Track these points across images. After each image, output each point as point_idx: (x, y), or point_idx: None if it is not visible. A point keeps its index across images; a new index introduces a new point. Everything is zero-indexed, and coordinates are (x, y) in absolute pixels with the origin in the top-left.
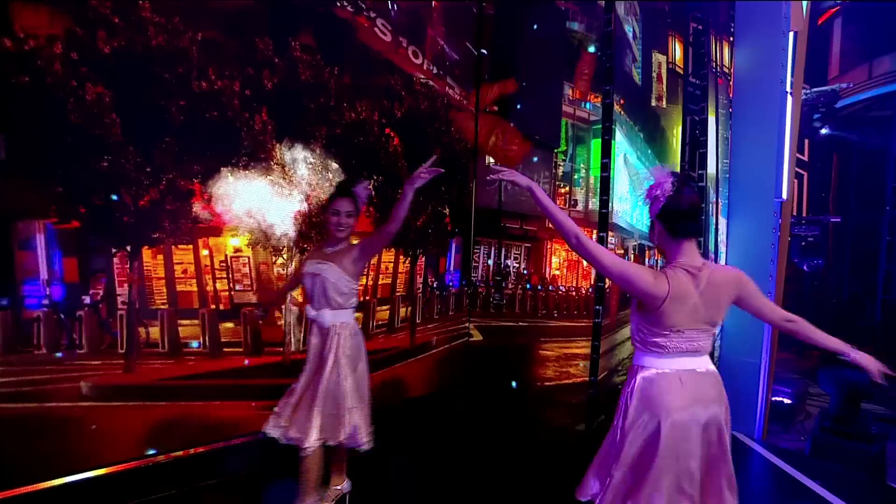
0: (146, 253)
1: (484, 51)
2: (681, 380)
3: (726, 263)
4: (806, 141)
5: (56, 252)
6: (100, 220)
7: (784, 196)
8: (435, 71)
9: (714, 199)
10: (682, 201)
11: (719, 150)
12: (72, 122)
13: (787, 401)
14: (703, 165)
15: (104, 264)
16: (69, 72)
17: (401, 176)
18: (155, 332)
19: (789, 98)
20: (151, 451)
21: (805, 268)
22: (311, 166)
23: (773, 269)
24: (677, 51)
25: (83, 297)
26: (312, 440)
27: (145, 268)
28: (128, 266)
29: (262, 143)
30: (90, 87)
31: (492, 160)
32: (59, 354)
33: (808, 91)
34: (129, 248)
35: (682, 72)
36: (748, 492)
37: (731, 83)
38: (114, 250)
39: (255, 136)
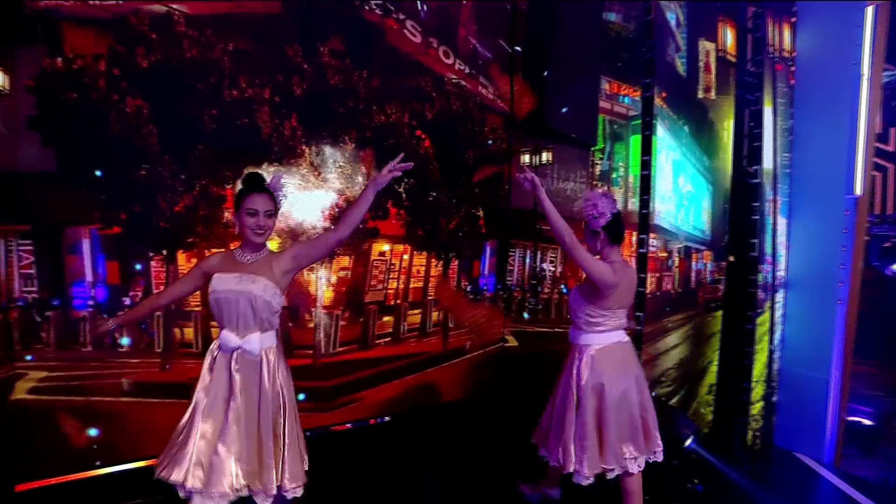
0: (181, 256)
1: (518, 48)
2: (614, 349)
3: (787, 267)
4: (892, 130)
5: (100, 256)
6: (138, 226)
7: (858, 192)
8: (467, 70)
9: (771, 197)
10: (619, 217)
11: (778, 142)
12: (113, 134)
13: (866, 421)
14: (759, 160)
15: (143, 267)
16: (111, 86)
17: (432, 178)
18: (189, 332)
19: (864, 80)
20: None
21: (888, 272)
22: (340, 169)
23: (845, 274)
24: (728, 37)
25: (123, 298)
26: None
27: (180, 271)
28: (164, 269)
29: (292, 148)
30: (129, 101)
31: (527, 159)
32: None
33: (893, 72)
34: (164, 251)
35: (734, 59)
36: None
37: (791, 68)
38: (151, 254)
39: (284, 141)
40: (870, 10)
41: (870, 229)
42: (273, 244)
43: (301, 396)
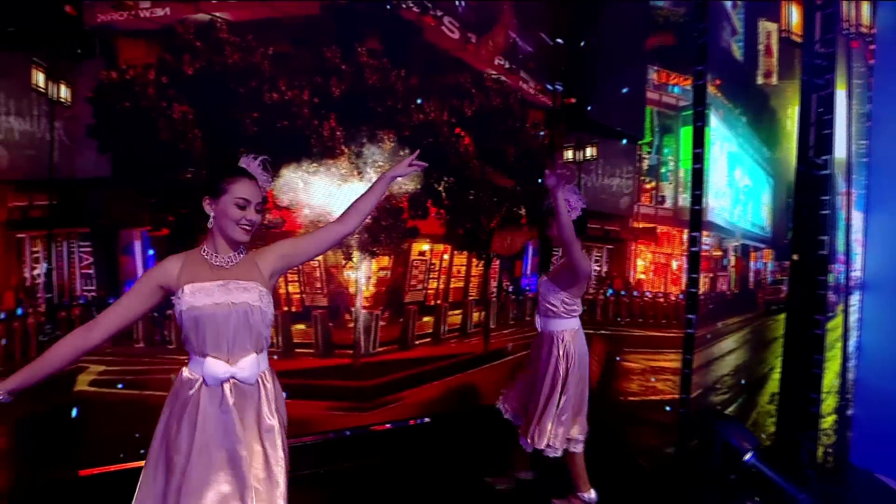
0: None
1: (560, 40)
2: (581, 333)
3: (864, 265)
4: None
5: (150, 256)
6: (185, 227)
7: None
8: (507, 66)
9: (844, 190)
10: (584, 213)
11: (853, 129)
12: (161, 139)
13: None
14: (829, 149)
15: None
16: (160, 94)
17: (473, 176)
18: None
19: None
20: None
21: None
22: (380, 169)
23: None
24: (794, 15)
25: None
26: None
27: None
28: None
29: (331, 148)
30: (176, 107)
31: (570, 156)
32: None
33: None
34: None
35: (799, 40)
36: None
37: (870, 46)
38: None
39: (324, 142)
40: None
41: None
42: None
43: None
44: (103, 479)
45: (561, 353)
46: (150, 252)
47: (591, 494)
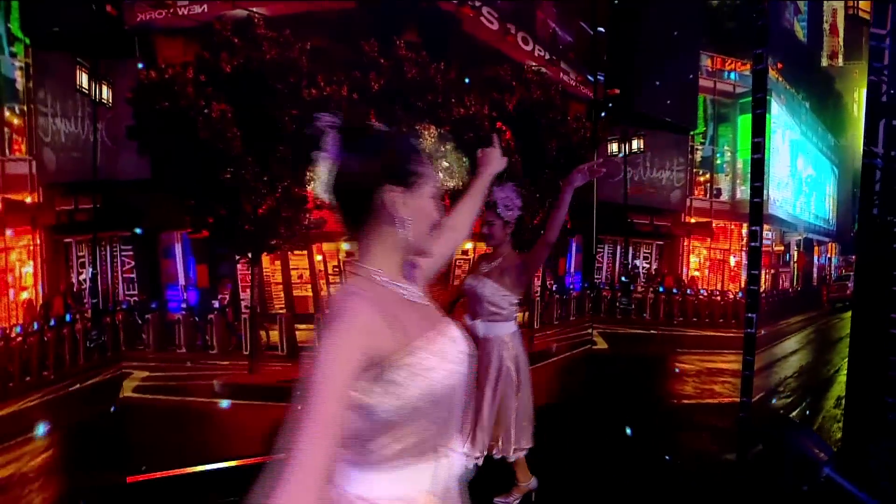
0: (265, 259)
1: (601, 29)
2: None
3: None
4: None
5: (190, 259)
6: (225, 229)
7: None
8: (547, 56)
9: None
10: None
11: None
12: (200, 139)
13: None
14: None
15: (229, 270)
16: (198, 93)
17: (514, 172)
18: (274, 335)
19: None
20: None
21: None
22: None
23: None
24: None
25: (213, 301)
26: None
27: (265, 273)
28: (249, 272)
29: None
30: (215, 105)
31: (615, 148)
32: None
33: None
34: (250, 254)
35: (868, 16)
36: None
37: None
38: (237, 257)
39: None
40: None
41: None
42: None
43: None
44: (150, 486)
45: (509, 356)
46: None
47: (533, 482)
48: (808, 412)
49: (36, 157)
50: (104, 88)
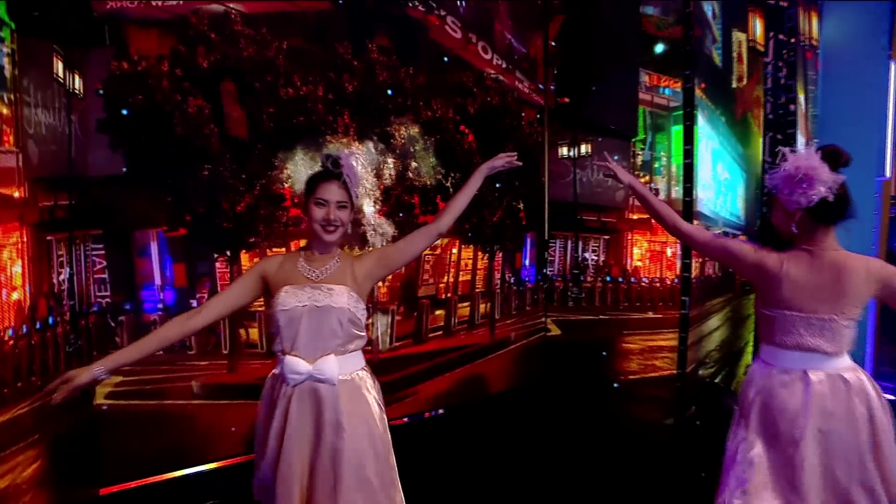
0: (244, 257)
1: (553, 42)
2: None
3: None
4: None
5: (167, 258)
6: (203, 227)
7: (887, 174)
8: (504, 66)
9: None
10: None
11: (809, 128)
12: (177, 135)
13: (891, 396)
14: (794, 146)
15: (207, 269)
16: (174, 87)
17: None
18: (254, 332)
19: (893, 65)
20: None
21: None
22: (390, 167)
23: (875, 253)
24: (758, 27)
25: (191, 300)
26: None
27: (243, 271)
28: (228, 270)
29: (346, 144)
30: (192, 101)
31: (565, 152)
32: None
33: None
34: (228, 252)
35: (762, 49)
36: None
37: (818, 57)
38: (216, 255)
39: (338, 138)
40: None
41: (890, 210)
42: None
43: None
44: (125, 497)
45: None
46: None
47: None
48: (726, 379)
49: (22, 150)
50: (77, 78)
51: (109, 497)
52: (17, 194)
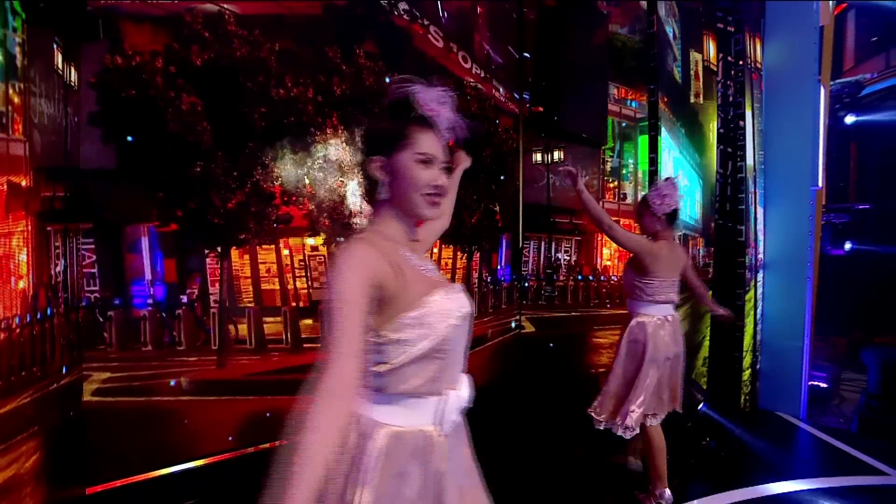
0: (234, 253)
1: (527, 54)
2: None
3: (765, 251)
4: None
5: (158, 254)
6: (194, 223)
7: (820, 184)
8: (482, 74)
9: (752, 190)
10: None
11: (755, 142)
12: (170, 131)
13: (823, 385)
14: (743, 158)
15: (198, 265)
16: (168, 84)
17: None
18: (243, 328)
19: (822, 88)
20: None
21: (840, 252)
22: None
23: (811, 255)
24: (711, 49)
25: (181, 296)
26: None
27: (233, 267)
28: (219, 266)
29: (335, 146)
30: (185, 98)
31: (538, 158)
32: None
33: (832, 83)
34: (219, 248)
35: (716, 69)
36: (804, 464)
37: (762, 78)
38: (206, 251)
39: (327, 139)
40: (819, 30)
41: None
42: (318, 239)
43: None
44: (112, 495)
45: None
46: (159, 251)
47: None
48: (687, 370)
49: (28, 139)
50: (73, 71)
51: (96, 497)
52: (23, 183)
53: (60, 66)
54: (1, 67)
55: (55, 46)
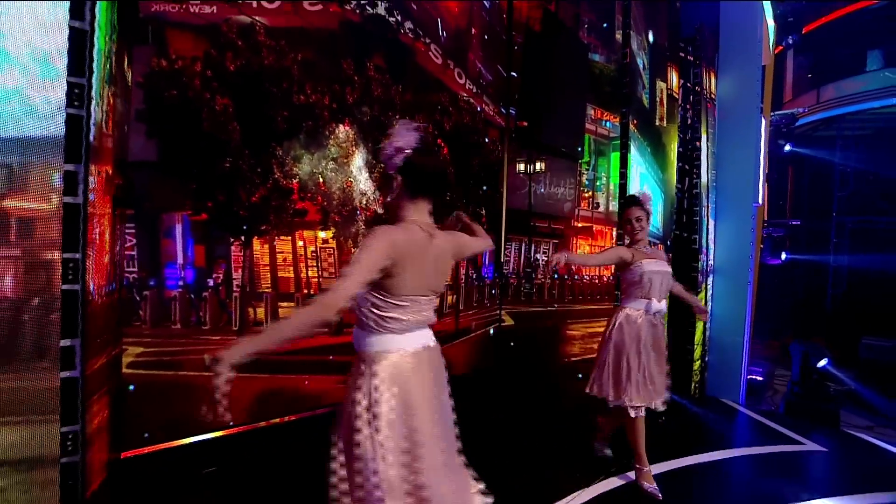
0: (255, 243)
1: (514, 74)
2: None
3: (714, 258)
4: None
5: (189, 240)
6: (222, 213)
7: (760, 201)
8: (474, 90)
9: (705, 204)
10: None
11: (709, 162)
12: (204, 129)
13: (759, 378)
14: (699, 176)
15: (224, 252)
16: (205, 86)
17: (450, 181)
18: (260, 312)
19: (763, 119)
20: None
21: (777, 261)
22: (381, 170)
23: (752, 264)
24: (674, 78)
25: (207, 280)
26: None
27: (255, 256)
28: (241, 254)
29: (345, 148)
30: (219, 99)
31: (522, 168)
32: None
33: (772, 114)
34: (242, 238)
35: (678, 96)
36: (740, 437)
37: (716, 107)
38: (231, 239)
39: (339, 143)
40: (762, 68)
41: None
42: (328, 233)
43: None
44: (144, 460)
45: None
46: (190, 237)
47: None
48: None
49: (113, 134)
50: (130, 73)
51: (130, 460)
52: (109, 171)
53: (126, 68)
54: (109, 74)
55: (125, 53)
